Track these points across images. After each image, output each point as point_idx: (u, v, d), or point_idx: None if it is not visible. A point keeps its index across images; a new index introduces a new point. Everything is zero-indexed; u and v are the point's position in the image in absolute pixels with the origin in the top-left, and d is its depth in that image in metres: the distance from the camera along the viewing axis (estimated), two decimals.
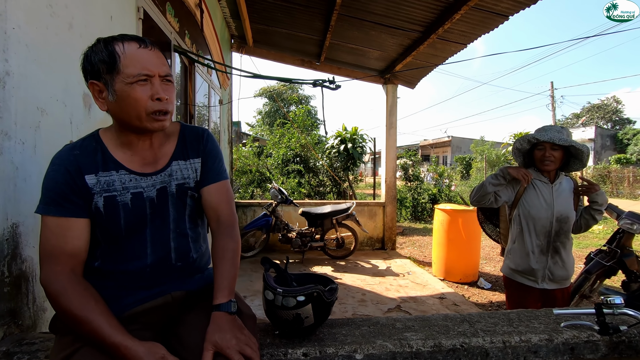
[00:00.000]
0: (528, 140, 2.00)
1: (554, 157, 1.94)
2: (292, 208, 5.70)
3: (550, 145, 1.93)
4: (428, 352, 1.07)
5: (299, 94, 24.38)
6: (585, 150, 1.91)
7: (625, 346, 1.16)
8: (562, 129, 1.97)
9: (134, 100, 0.90)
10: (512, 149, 2.14)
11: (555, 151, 1.94)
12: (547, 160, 1.95)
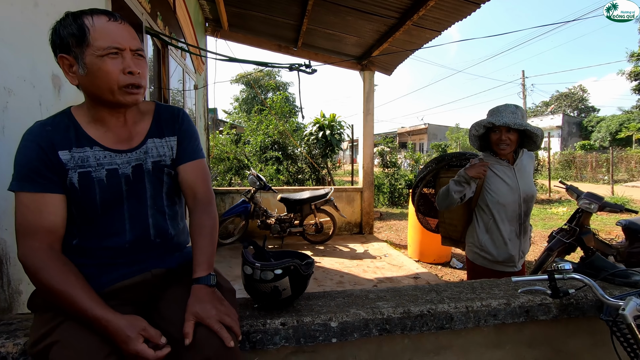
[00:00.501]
0: (483, 125, 1.95)
1: (510, 140, 1.91)
2: (270, 194, 5.72)
3: (506, 128, 1.89)
4: (398, 318, 1.15)
5: (276, 81, 24.07)
6: (539, 133, 1.90)
7: (573, 307, 1.29)
8: (516, 109, 1.92)
9: (105, 73, 0.90)
10: (468, 135, 2.11)
11: (511, 133, 1.90)
12: (503, 144, 1.92)
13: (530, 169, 2.07)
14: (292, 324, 1.08)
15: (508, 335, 1.29)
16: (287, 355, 1.14)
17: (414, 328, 1.17)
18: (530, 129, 1.87)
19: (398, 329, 1.16)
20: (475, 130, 1.99)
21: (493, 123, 1.88)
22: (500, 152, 1.96)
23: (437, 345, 1.24)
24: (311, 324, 1.09)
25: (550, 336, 1.33)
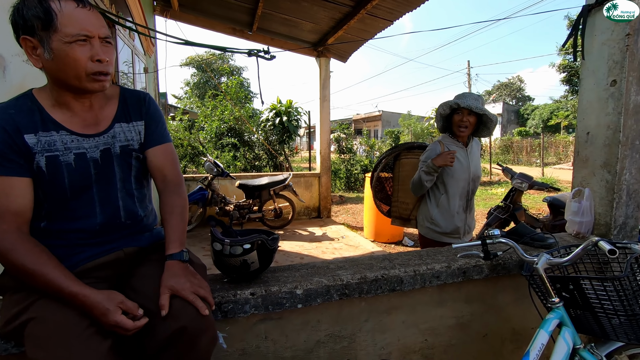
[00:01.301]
0: (450, 105, 2.19)
1: (469, 123, 2.15)
2: (228, 181, 5.67)
3: (468, 111, 2.14)
4: (356, 283, 1.29)
5: (230, 65, 23.26)
6: (494, 119, 2.17)
7: (501, 267, 1.52)
8: (478, 97, 2.20)
9: (73, 60, 0.90)
10: (436, 113, 2.35)
11: (471, 117, 2.15)
12: (463, 126, 2.16)
13: (477, 154, 2.35)
14: (260, 294, 1.18)
15: (449, 293, 1.49)
16: (256, 323, 1.23)
17: (369, 291, 1.32)
18: (488, 114, 2.14)
19: (356, 292, 1.30)
20: (442, 109, 2.23)
21: (458, 104, 2.13)
22: (459, 134, 2.21)
23: (389, 305, 1.40)
24: (278, 293, 1.20)
25: (483, 293, 1.56)
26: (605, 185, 1.74)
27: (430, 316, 1.48)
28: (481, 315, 1.57)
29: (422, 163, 2.21)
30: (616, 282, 1.10)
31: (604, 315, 1.18)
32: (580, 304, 1.22)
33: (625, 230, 1.74)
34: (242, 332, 1.22)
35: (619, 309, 1.14)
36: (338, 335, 1.34)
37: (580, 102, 1.86)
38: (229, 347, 1.20)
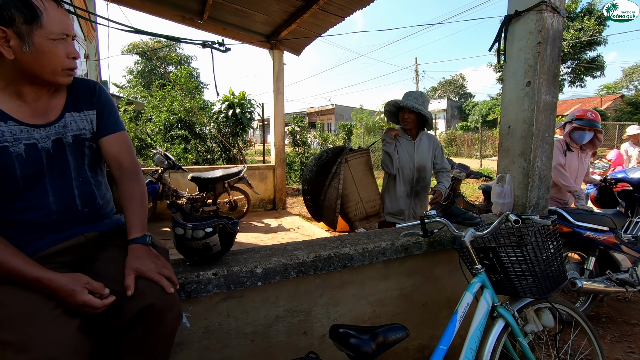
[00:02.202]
0: (393, 104, 2.51)
1: (410, 119, 2.50)
2: (180, 174, 5.53)
3: (408, 109, 2.46)
4: (311, 261, 1.42)
5: (178, 54, 22.14)
6: (428, 116, 2.49)
7: (438, 243, 1.74)
8: (420, 96, 2.50)
9: (54, 56, 0.96)
10: (384, 111, 2.64)
11: (411, 114, 2.48)
12: (405, 121, 2.51)
13: (427, 147, 2.63)
14: (222, 274, 1.26)
15: (393, 268, 1.68)
16: (219, 302, 1.32)
17: (323, 268, 1.45)
18: (422, 112, 2.44)
19: (311, 270, 1.43)
20: (389, 107, 2.55)
21: (398, 104, 2.47)
22: (404, 127, 2.55)
23: (341, 281, 1.55)
24: (239, 272, 1.29)
25: (423, 266, 1.77)
26: (522, 172, 2.03)
27: (377, 289, 1.66)
28: (421, 286, 1.78)
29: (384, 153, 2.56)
30: (523, 249, 1.34)
31: (515, 278, 1.42)
32: (498, 270, 1.46)
33: (537, 208, 2.06)
34: (205, 310, 1.29)
35: (527, 272, 1.38)
36: (295, 309, 1.47)
37: (503, 99, 2.14)
38: (193, 326, 1.27)
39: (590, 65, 18.41)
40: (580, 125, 2.94)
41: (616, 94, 26.60)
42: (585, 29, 16.98)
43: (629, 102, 23.86)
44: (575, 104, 26.67)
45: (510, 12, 2.03)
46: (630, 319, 2.82)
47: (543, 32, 1.91)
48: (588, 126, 2.92)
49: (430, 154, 2.64)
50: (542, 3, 1.88)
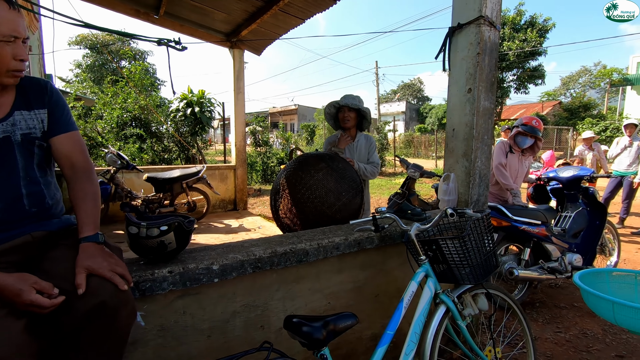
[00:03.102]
0: (333, 105, 2.65)
1: (350, 117, 2.66)
2: (135, 174, 5.31)
3: (348, 108, 2.63)
4: (267, 257, 1.47)
5: (132, 48, 21.04)
6: (368, 112, 2.68)
7: (388, 237, 1.85)
8: (355, 97, 2.68)
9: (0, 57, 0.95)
10: (324, 113, 2.75)
11: (352, 113, 2.65)
12: (345, 120, 2.66)
13: (364, 147, 2.78)
14: (178, 271, 1.28)
15: (347, 262, 1.77)
16: (175, 299, 1.33)
17: (279, 263, 1.51)
18: (362, 109, 2.62)
19: (267, 265, 1.48)
20: (329, 109, 2.68)
21: (339, 103, 2.61)
22: (344, 126, 2.67)
23: (297, 275, 1.62)
24: (195, 269, 1.31)
25: (375, 260, 1.88)
26: (464, 171, 2.22)
27: (332, 282, 1.74)
28: (373, 278, 1.89)
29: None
30: (460, 240, 1.48)
31: (455, 266, 1.56)
32: (440, 260, 1.60)
33: (478, 204, 2.25)
34: (161, 308, 1.30)
35: (464, 260, 1.53)
36: (252, 304, 1.51)
37: (448, 104, 2.32)
38: (148, 324, 1.28)
39: (532, 74, 19.96)
40: (524, 131, 3.24)
41: (555, 101, 29.08)
42: (528, 40, 18.40)
43: (565, 108, 26.21)
44: (521, 109, 28.81)
45: (453, 24, 2.21)
46: (559, 303, 3.15)
47: (482, 44, 2.10)
48: (530, 133, 3.23)
49: (367, 153, 2.82)
50: (480, 17, 2.07)
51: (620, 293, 1.55)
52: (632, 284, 1.54)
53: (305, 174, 2.15)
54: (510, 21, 19.08)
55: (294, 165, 2.26)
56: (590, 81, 37.03)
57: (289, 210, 2.15)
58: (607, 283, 1.59)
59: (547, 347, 2.47)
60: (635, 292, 1.53)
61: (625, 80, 18.84)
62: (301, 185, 2.11)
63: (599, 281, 1.60)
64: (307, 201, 2.08)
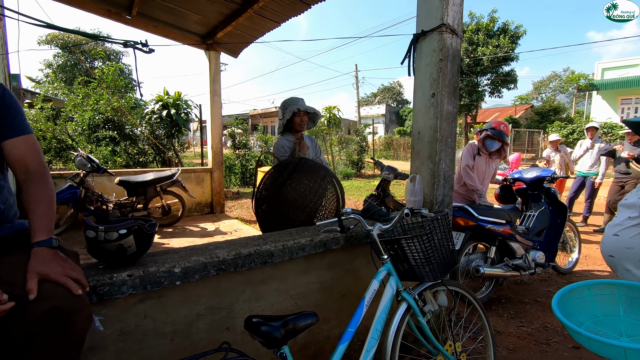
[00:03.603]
0: (292, 111, 2.69)
1: (305, 121, 2.76)
2: (107, 178, 5.18)
3: (304, 112, 2.73)
4: (231, 259, 1.48)
5: (106, 48, 20.46)
6: (319, 114, 2.82)
7: (354, 238, 1.90)
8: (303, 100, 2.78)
9: None
10: (279, 118, 2.79)
11: (306, 116, 2.76)
12: (303, 124, 2.75)
13: (312, 148, 2.89)
14: (138, 275, 1.27)
15: (314, 263, 1.80)
16: (136, 303, 1.32)
17: (244, 265, 1.52)
18: (317, 112, 2.79)
19: (232, 267, 1.49)
20: (289, 114, 2.69)
21: (299, 108, 2.67)
22: (301, 129, 2.76)
23: (263, 277, 1.64)
24: (156, 272, 1.31)
25: (342, 260, 1.92)
26: (430, 172, 2.30)
27: (298, 283, 1.77)
28: (341, 278, 1.93)
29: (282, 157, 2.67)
30: (419, 239, 1.54)
31: (415, 265, 1.62)
32: (402, 259, 1.65)
33: (443, 205, 2.34)
34: (121, 313, 1.29)
35: (423, 259, 1.59)
36: (217, 307, 1.52)
37: (414, 109, 2.39)
38: (107, 329, 1.26)
39: (505, 78, 20.68)
40: (492, 134, 3.37)
41: (528, 104, 30.21)
42: (501, 45, 19.06)
43: (536, 111, 27.26)
44: (495, 112, 29.75)
45: (417, 31, 2.29)
46: (524, 299, 3.29)
47: (444, 51, 2.18)
48: (498, 137, 3.36)
49: (313, 152, 2.91)
50: (442, 25, 2.15)
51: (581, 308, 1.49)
52: (587, 296, 1.50)
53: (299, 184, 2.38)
54: (484, 27, 19.71)
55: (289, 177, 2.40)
56: (560, 86, 38.69)
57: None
58: (591, 300, 1.49)
59: (510, 341, 2.57)
60: (593, 305, 1.50)
61: (591, 86, 19.77)
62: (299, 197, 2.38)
63: (580, 298, 1.49)
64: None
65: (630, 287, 1.43)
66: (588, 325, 1.44)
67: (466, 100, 21.06)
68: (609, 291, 1.48)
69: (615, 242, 1.57)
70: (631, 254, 1.50)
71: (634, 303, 1.42)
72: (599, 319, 1.46)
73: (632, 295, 1.42)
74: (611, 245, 1.60)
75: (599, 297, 1.49)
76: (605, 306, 1.48)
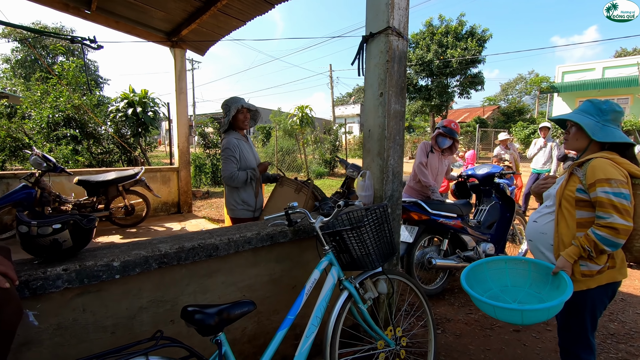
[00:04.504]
0: (237, 108, 2.74)
1: (248, 118, 2.84)
2: (65, 177, 5.01)
3: (247, 109, 2.81)
4: (174, 252, 1.52)
5: (68, 43, 19.56)
6: (259, 111, 2.93)
7: (301, 231, 1.97)
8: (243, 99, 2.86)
9: None
10: (223, 114, 2.83)
11: (249, 113, 2.85)
12: (246, 121, 2.82)
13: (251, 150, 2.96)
14: (74, 269, 1.29)
15: (262, 256, 1.86)
16: (73, 297, 1.33)
17: (187, 258, 1.56)
18: (258, 110, 2.90)
19: (174, 260, 1.52)
20: (233, 111, 2.74)
21: (242, 105, 2.75)
22: (245, 127, 2.83)
23: (209, 270, 1.68)
24: (94, 266, 1.33)
25: (291, 253, 1.99)
26: (379, 168, 2.40)
27: (246, 275, 1.82)
28: (290, 270, 1.99)
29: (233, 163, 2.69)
30: (357, 230, 1.63)
31: (356, 255, 1.71)
32: (344, 249, 1.74)
33: (392, 200, 2.45)
34: (57, 307, 1.30)
35: (363, 249, 1.68)
36: (161, 300, 1.54)
37: (365, 107, 2.49)
38: (42, 324, 1.27)
39: (473, 80, 21.48)
40: (443, 132, 3.53)
41: (495, 105, 31.45)
42: (469, 48, 19.78)
43: (503, 112, 28.44)
44: (465, 112, 30.79)
45: (366, 33, 2.39)
46: None
47: (390, 52, 2.29)
48: (449, 134, 3.53)
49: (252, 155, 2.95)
50: (388, 28, 2.26)
51: (495, 278, 1.73)
52: (503, 268, 1.74)
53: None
54: (453, 30, 20.37)
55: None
56: (525, 88, 40.53)
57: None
58: (485, 272, 1.74)
59: (457, 327, 2.73)
60: (507, 276, 1.73)
61: (552, 88, 20.85)
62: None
63: (479, 273, 1.74)
64: None
65: (537, 265, 1.66)
66: (495, 292, 1.67)
67: (436, 100, 21.69)
68: (521, 267, 1.72)
69: (534, 227, 1.72)
70: (544, 238, 1.66)
71: (538, 279, 1.64)
72: (507, 288, 1.67)
73: (537, 272, 1.62)
74: (530, 230, 1.75)
75: (513, 271, 1.73)
76: (516, 278, 1.71)
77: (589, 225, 1.53)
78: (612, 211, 1.42)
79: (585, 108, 1.62)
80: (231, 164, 2.68)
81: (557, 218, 1.61)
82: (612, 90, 17.56)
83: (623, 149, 1.56)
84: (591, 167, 1.50)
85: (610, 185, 1.43)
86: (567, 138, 1.72)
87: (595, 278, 1.54)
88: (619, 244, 1.43)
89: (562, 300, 1.36)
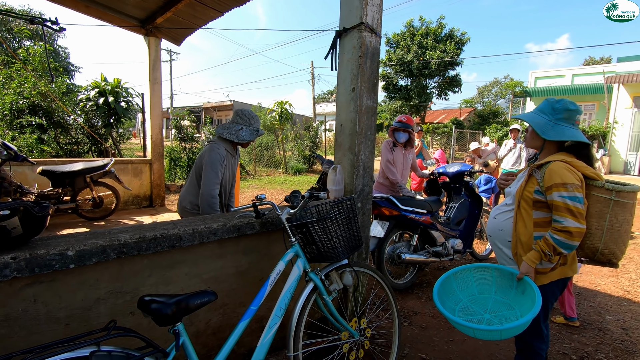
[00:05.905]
0: (257, 134, 2.63)
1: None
2: (28, 167, 4.77)
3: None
4: (134, 242, 1.48)
5: (37, 27, 18.62)
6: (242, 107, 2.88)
7: (269, 223, 1.96)
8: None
9: None
10: (245, 125, 2.75)
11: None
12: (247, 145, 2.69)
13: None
14: (24, 257, 1.23)
15: (228, 247, 1.84)
16: (23, 287, 1.28)
17: (148, 249, 1.52)
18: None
19: (134, 250, 1.48)
20: (254, 136, 2.61)
21: (260, 134, 2.62)
22: (244, 148, 2.76)
23: (172, 261, 1.65)
24: (46, 255, 1.27)
25: (258, 245, 1.98)
26: (350, 163, 2.42)
27: (212, 267, 1.80)
28: (257, 263, 1.98)
29: (219, 179, 2.43)
30: (322, 223, 1.64)
31: (322, 247, 1.72)
32: (310, 241, 1.74)
33: (363, 194, 2.48)
34: (5, 297, 1.24)
35: (328, 241, 1.69)
36: (120, 291, 1.50)
37: (337, 102, 2.50)
38: None
39: (451, 82, 21.97)
40: (397, 127, 3.63)
41: (472, 108, 32.31)
42: (448, 51, 20.20)
43: (478, 114, 29.27)
44: (443, 113, 31.47)
45: (340, 28, 2.39)
46: None
47: (363, 48, 2.31)
48: (402, 128, 3.62)
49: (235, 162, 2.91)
50: (361, 24, 2.28)
51: (463, 287, 1.73)
52: (469, 277, 1.75)
53: None
54: (433, 32, 20.74)
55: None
56: (500, 92, 41.83)
57: None
58: (453, 283, 1.73)
59: (424, 320, 2.80)
60: (473, 284, 1.73)
61: (525, 92, 21.61)
62: None
63: (447, 285, 1.72)
64: None
65: (501, 271, 1.67)
66: (465, 303, 1.67)
67: (415, 101, 22.06)
68: (486, 273, 1.72)
69: (494, 224, 1.79)
70: (502, 235, 1.72)
71: (503, 284, 1.66)
72: (475, 296, 1.68)
73: (502, 278, 1.66)
74: (490, 226, 1.82)
75: (478, 278, 1.73)
76: (482, 285, 1.72)
77: (545, 224, 1.60)
78: (567, 215, 1.48)
79: (542, 107, 1.70)
80: (217, 179, 2.40)
81: (516, 217, 1.68)
82: (580, 96, 18.38)
83: (579, 148, 1.63)
84: (549, 170, 1.56)
85: (567, 190, 1.50)
86: (526, 137, 1.79)
87: (548, 275, 1.62)
88: (573, 246, 1.49)
89: (535, 312, 1.38)
